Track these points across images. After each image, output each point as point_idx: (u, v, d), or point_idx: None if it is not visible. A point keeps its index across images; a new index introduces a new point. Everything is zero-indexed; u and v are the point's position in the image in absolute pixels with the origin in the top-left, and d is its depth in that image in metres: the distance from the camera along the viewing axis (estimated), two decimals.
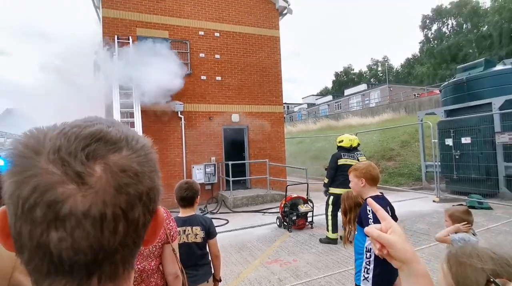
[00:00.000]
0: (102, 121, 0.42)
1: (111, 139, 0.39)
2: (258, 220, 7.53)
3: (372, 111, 26.75)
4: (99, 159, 0.37)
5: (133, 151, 0.40)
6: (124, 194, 0.37)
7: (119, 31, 9.11)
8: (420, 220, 6.84)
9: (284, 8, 11.34)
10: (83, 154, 0.36)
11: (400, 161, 12.59)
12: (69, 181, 0.35)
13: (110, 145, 0.38)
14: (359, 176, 2.25)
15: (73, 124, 0.40)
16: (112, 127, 0.41)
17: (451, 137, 9.02)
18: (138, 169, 0.39)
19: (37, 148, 0.36)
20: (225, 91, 10.41)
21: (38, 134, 0.38)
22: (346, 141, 5.69)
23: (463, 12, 40.24)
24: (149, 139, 0.47)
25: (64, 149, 0.36)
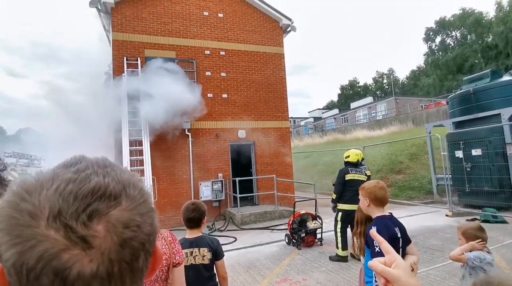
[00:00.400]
0: (95, 169, 0.41)
1: (111, 194, 0.39)
2: (266, 237, 7.43)
3: (379, 124, 26.59)
4: (102, 217, 0.37)
5: (132, 201, 0.40)
6: (128, 247, 0.38)
7: (128, 53, 9.40)
8: (433, 235, 6.65)
9: (288, 26, 11.58)
10: (85, 215, 0.36)
11: (410, 174, 12.39)
12: (74, 246, 0.34)
13: (110, 200, 0.38)
14: (364, 195, 2.23)
15: (67, 179, 0.38)
16: (108, 177, 0.40)
17: (461, 149, 8.87)
18: (140, 220, 0.40)
19: (34, 212, 0.35)
20: (231, 108, 10.54)
21: (29, 193, 0.37)
22: (353, 156, 5.64)
23: (467, 23, 40.40)
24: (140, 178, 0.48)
25: (64, 212, 0.35)
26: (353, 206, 5.26)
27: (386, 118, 29.07)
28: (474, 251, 2.47)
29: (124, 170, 0.45)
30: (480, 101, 9.05)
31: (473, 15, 40.51)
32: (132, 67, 9.19)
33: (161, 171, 9.30)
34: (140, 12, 9.69)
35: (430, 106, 28.67)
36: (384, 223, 2.12)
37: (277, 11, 11.44)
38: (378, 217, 2.18)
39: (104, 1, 9.13)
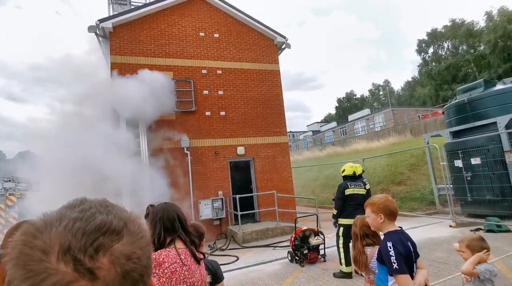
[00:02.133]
0: (99, 208, 0.46)
1: (114, 230, 0.43)
2: (269, 255, 7.30)
3: (377, 135, 26.69)
4: (106, 250, 0.41)
5: (133, 236, 0.45)
6: (130, 279, 0.41)
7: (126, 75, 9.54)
8: (437, 247, 6.55)
9: (283, 43, 11.84)
10: (92, 249, 0.40)
11: (411, 185, 12.33)
12: (82, 277, 0.38)
13: (113, 235, 0.42)
14: (377, 211, 2.12)
15: (74, 218, 0.43)
16: (110, 214, 0.45)
17: (460, 158, 8.88)
18: (140, 253, 0.44)
19: (45, 248, 0.39)
20: (230, 125, 10.61)
21: (40, 231, 0.40)
22: (348, 169, 5.61)
23: (458, 34, 41.32)
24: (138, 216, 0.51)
25: (73, 246, 0.39)
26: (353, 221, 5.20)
27: (384, 130, 29.21)
28: (482, 264, 2.45)
29: (123, 208, 0.50)
30: (475, 110, 9.14)
31: (463, 25, 41.50)
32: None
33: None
34: (137, 35, 9.92)
35: (427, 116, 28.89)
36: (398, 238, 2.04)
37: (272, 29, 11.72)
38: (391, 232, 2.09)
39: (102, 26, 9.37)
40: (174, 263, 1.46)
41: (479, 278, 2.41)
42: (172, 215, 1.67)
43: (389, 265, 1.91)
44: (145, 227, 0.50)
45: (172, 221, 1.65)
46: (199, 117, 10.23)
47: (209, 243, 8.80)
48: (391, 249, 1.92)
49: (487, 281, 2.38)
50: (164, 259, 1.45)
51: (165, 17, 10.39)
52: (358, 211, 5.23)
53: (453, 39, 43.19)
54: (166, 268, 1.42)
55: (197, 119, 10.19)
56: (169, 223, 1.64)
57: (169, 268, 1.43)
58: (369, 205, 2.18)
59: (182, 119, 10.02)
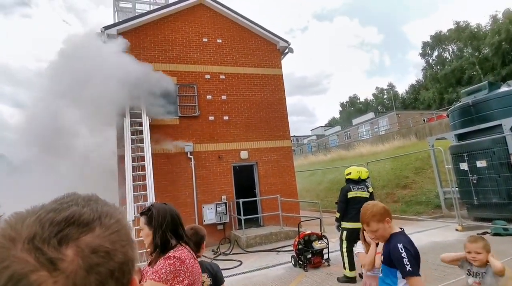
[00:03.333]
0: (79, 201, 0.46)
1: (84, 221, 0.42)
2: (272, 259, 7.26)
3: (382, 139, 26.53)
4: (72, 242, 0.39)
5: (105, 229, 0.43)
6: (95, 273, 0.39)
7: None
8: (444, 251, 6.31)
9: (285, 48, 11.91)
10: (56, 239, 0.39)
11: (416, 189, 12.21)
12: (42, 268, 0.37)
13: (82, 226, 0.41)
14: (382, 218, 2.02)
15: (50, 208, 0.43)
16: (87, 207, 0.44)
17: (465, 161, 8.79)
18: (110, 247, 0.42)
19: (14, 236, 0.39)
20: (233, 129, 10.65)
21: (16, 222, 0.41)
22: (354, 173, 5.58)
23: (462, 37, 41.17)
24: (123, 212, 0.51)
25: (38, 236, 0.39)
26: (357, 224, 5.18)
27: (388, 133, 29.04)
28: None
29: (110, 205, 0.49)
30: (480, 113, 9.06)
31: (468, 28, 41.34)
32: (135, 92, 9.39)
33: (164, 195, 9.26)
34: (141, 41, 10.06)
35: (432, 119, 28.68)
36: (407, 239, 2.00)
37: (274, 34, 11.80)
38: (397, 234, 2.05)
39: (107, 33, 9.52)
40: (190, 258, 1.61)
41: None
42: (174, 218, 1.71)
43: (401, 267, 1.87)
44: (126, 224, 0.48)
45: (175, 224, 1.69)
46: (202, 122, 10.29)
47: (213, 248, 8.78)
48: (403, 251, 1.87)
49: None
50: (184, 256, 1.57)
51: (169, 23, 10.53)
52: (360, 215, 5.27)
53: (457, 42, 43.02)
54: (188, 264, 1.56)
55: (201, 124, 10.25)
56: (173, 225, 1.68)
57: (190, 264, 1.57)
58: (371, 218, 2.03)
59: (186, 124, 10.09)
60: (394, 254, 1.91)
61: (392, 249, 1.94)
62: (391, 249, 1.96)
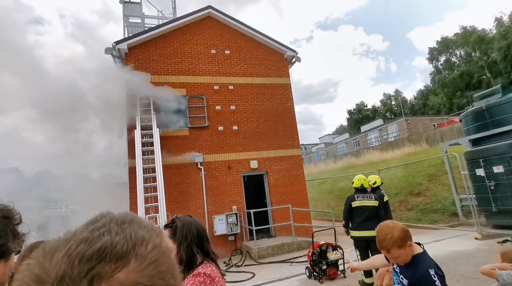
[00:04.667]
0: (111, 226, 0.41)
1: (117, 254, 0.37)
2: (286, 271, 7.11)
3: (391, 146, 26.19)
4: (104, 281, 0.35)
5: (141, 261, 0.39)
6: None
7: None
8: (464, 261, 6.23)
9: (293, 57, 11.97)
10: (86, 280, 0.35)
11: (431, 196, 11.92)
12: None
13: (115, 261, 0.37)
14: (403, 244, 1.84)
15: (80, 239, 0.39)
16: (120, 234, 0.40)
17: (481, 167, 8.56)
18: (147, 284, 0.38)
19: (42, 277, 0.35)
20: (242, 139, 10.64)
21: (43, 257, 0.37)
22: (356, 182, 5.66)
23: (470, 41, 40.84)
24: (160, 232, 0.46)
25: (67, 277, 0.35)
26: (362, 232, 5.19)
27: (398, 140, 28.66)
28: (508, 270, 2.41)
29: (144, 224, 0.45)
30: (494, 117, 8.86)
31: (475, 33, 41.03)
32: (145, 106, 9.52)
33: (175, 206, 9.25)
34: (151, 55, 10.24)
35: (443, 124, 28.23)
36: (433, 262, 1.86)
37: (281, 43, 11.89)
38: (421, 256, 1.89)
39: (118, 48, 9.73)
40: (219, 276, 1.54)
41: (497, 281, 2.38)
42: (200, 232, 1.65)
43: None
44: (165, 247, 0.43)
45: (201, 239, 1.63)
46: (212, 132, 10.32)
47: (224, 259, 8.67)
48: (436, 278, 1.74)
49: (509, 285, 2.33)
50: (214, 274, 1.51)
51: (178, 36, 10.71)
52: (368, 223, 5.24)
53: (465, 47, 42.67)
54: (217, 283, 1.48)
55: (210, 134, 10.29)
56: (198, 240, 1.61)
57: (219, 282, 1.50)
58: (391, 244, 1.84)
59: (196, 135, 10.13)
60: (426, 282, 1.76)
61: (422, 276, 1.78)
62: (420, 275, 1.79)
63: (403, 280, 1.92)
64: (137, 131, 8.88)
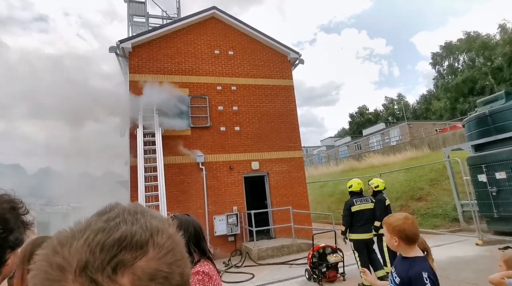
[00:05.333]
0: (126, 216, 0.42)
1: (137, 243, 0.38)
2: (285, 272, 7.10)
3: (393, 150, 26.12)
4: (127, 268, 0.36)
5: (159, 249, 0.39)
6: None
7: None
8: (465, 267, 6.19)
9: (296, 59, 11.98)
10: (110, 268, 0.35)
11: (432, 201, 11.87)
12: None
13: (136, 249, 0.38)
14: (392, 232, 1.96)
15: (97, 228, 0.39)
16: (136, 224, 0.41)
17: (484, 173, 8.53)
18: (167, 271, 0.39)
19: (63, 265, 0.35)
20: (244, 140, 10.65)
21: (61, 246, 0.37)
22: (355, 186, 5.71)
23: (473, 46, 40.73)
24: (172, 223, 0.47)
25: (90, 265, 0.35)
26: (362, 235, 5.29)
27: (400, 144, 28.59)
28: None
29: (155, 215, 0.45)
30: (497, 123, 8.83)
31: (479, 38, 40.94)
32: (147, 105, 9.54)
33: (176, 205, 9.25)
34: (155, 54, 10.27)
35: (445, 129, 28.15)
36: (429, 266, 1.86)
37: (285, 45, 11.91)
38: (420, 259, 1.90)
39: (122, 47, 9.77)
40: (216, 274, 1.55)
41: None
42: (197, 231, 1.66)
43: None
44: (178, 237, 0.44)
45: (198, 237, 1.64)
46: (214, 132, 10.33)
47: (224, 260, 8.66)
48: (428, 281, 1.75)
49: None
50: (211, 272, 1.51)
51: (182, 36, 10.75)
52: (367, 226, 5.46)
53: (468, 52, 42.56)
54: (215, 280, 1.50)
55: (212, 134, 10.30)
56: (195, 239, 1.63)
57: (216, 280, 1.51)
58: (385, 224, 2.04)
59: (198, 135, 10.15)
60: (416, 284, 1.78)
61: (414, 277, 1.80)
62: (412, 275, 1.81)
63: (396, 279, 1.94)
64: (139, 130, 8.91)
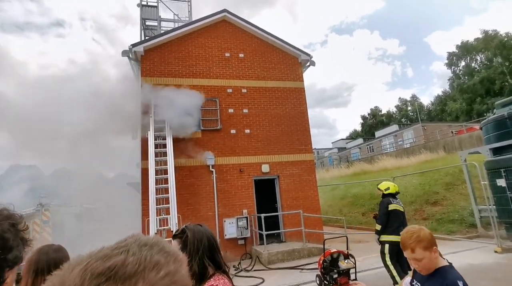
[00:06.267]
0: (132, 246, 0.41)
1: (125, 274, 0.37)
2: (296, 277, 7.00)
3: (407, 152, 25.57)
4: None
5: (149, 285, 0.38)
6: None
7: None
8: (482, 275, 5.95)
9: (307, 61, 11.88)
10: None
11: (448, 205, 11.52)
12: None
13: (122, 281, 0.37)
14: (430, 246, 1.76)
15: (100, 255, 0.40)
16: (137, 255, 0.40)
17: (502, 177, 8.21)
18: None
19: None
20: (254, 143, 10.61)
21: (68, 269, 0.39)
22: (392, 188, 5.66)
23: (491, 46, 39.57)
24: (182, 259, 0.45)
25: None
26: (398, 237, 5.04)
27: (414, 146, 27.98)
28: None
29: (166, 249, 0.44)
30: None
31: (497, 37, 39.75)
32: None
33: (186, 208, 9.30)
34: (166, 57, 10.38)
35: (462, 131, 27.35)
36: (460, 275, 1.77)
37: (296, 47, 11.83)
38: (448, 267, 1.81)
39: (135, 50, 9.91)
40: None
41: None
42: (211, 243, 1.58)
43: None
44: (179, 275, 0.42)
45: (212, 249, 1.56)
46: (224, 135, 10.34)
47: (234, 264, 8.62)
48: None
49: None
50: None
51: (192, 39, 10.82)
52: (401, 228, 5.14)
53: (486, 52, 41.36)
54: None
55: (223, 137, 10.31)
56: (209, 251, 1.54)
57: None
58: (416, 243, 1.78)
59: (208, 138, 10.18)
60: None
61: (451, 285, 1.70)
62: (448, 284, 1.71)
63: None
64: (150, 133, 9.00)
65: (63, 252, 1.64)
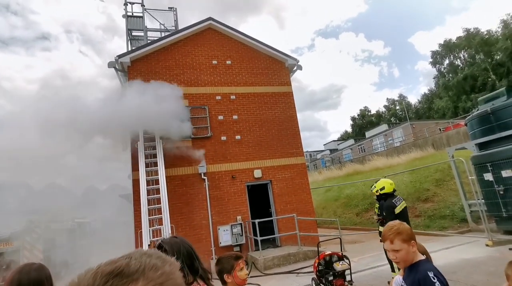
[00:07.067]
0: (134, 254, 0.51)
1: (127, 273, 0.46)
2: (292, 282, 6.99)
3: (397, 151, 25.93)
4: None
5: (148, 281, 0.46)
6: None
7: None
8: (475, 270, 6.04)
9: (294, 65, 12.01)
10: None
11: (439, 202, 11.69)
12: None
13: (126, 277, 0.45)
14: (408, 239, 1.83)
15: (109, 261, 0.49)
16: (137, 259, 0.49)
17: (489, 171, 8.39)
18: None
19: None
20: (245, 148, 10.62)
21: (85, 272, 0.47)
22: (388, 186, 5.46)
23: (473, 43, 40.68)
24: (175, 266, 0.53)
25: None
26: None
27: (404, 145, 28.39)
28: None
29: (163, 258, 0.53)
30: (500, 120, 8.72)
31: (478, 35, 40.90)
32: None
33: (179, 217, 9.21)
34: (153, 67, 10.36)
35: (449, 128, 27.89)
36: (435, 267, 1.82)
37: (282, 52, 11.96)
38: (423, 261, 1.87)
39: (121, 61, 9.86)
40: None
41: None
42: (189, 251, 1.64)
43: None
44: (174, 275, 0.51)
45: (191, 258, 1.62)
46: (215, 142, 10.32)
47: None
48: (436, 280, 1.70)
49: None
50: None
51: (179, 48, 10.84)
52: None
53: (468, 49, 42.48)
54: None
55: (213, 144, 10.29)
56: (189, 260, 1.60)
57: None
58: (395, 235, 1.83)
59: (199, 145, 10.14)
60: (425, 284, 1.72)
61: (422, 278, 1.75)
62: (420, 278, 1.76)
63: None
64: (140, 144, 8.93)
65: (45, 270, 1.62)
